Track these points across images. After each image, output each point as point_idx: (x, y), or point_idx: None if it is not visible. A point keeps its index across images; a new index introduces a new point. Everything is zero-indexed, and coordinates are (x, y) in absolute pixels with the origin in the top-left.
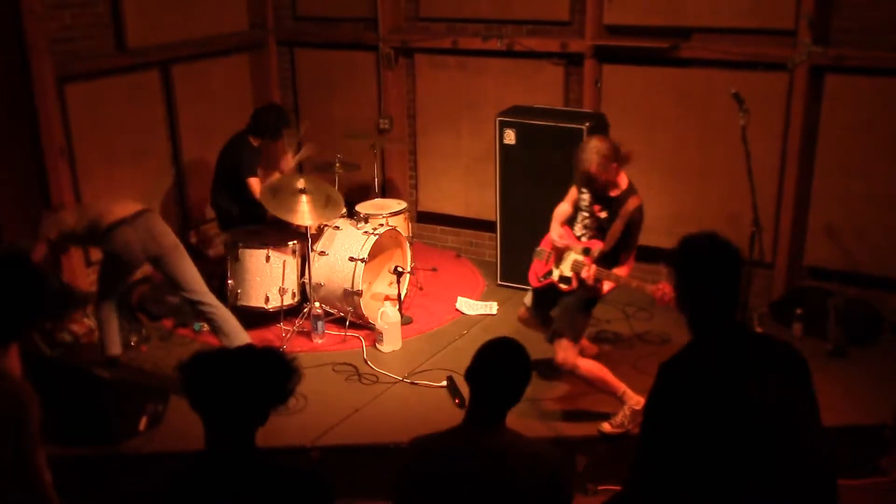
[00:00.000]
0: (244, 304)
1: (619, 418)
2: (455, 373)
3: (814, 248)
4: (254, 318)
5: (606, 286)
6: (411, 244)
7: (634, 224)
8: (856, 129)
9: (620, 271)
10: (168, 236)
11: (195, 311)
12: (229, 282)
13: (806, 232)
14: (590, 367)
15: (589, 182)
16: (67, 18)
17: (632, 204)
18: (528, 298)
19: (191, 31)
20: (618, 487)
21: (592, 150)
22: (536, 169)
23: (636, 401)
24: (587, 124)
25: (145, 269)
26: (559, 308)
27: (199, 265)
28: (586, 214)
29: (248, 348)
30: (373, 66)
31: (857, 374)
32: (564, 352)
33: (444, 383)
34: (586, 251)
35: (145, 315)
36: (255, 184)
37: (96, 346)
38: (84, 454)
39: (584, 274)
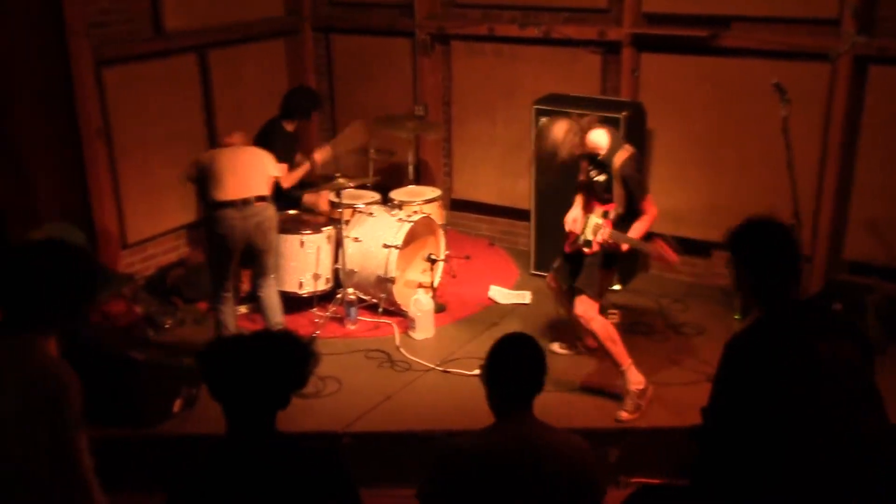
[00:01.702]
0: (278, 288)
1: (629, 403)
2: None
3: (854, 242)
4: (288, 303)
5: (624, 245)
6: (445, 232)
7: (629, 178)
8: None
9: (638, 228)
10: (272, 233)
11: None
12: None
13: (846, 226)
14: (606, 327)
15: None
16: (106, 2)
17: (618, 160)
18: (556, 262)
19: (227, 16)
20: (650, 480)
21: (559, 137)
22: None
23: (638, 380)
24: (624, 113)
25: (181, 252)
26: (583, 268)
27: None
28: (594, 183)
29: (263, 333)
30: (408, 52)
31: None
32: (583, 305)
33: (477, 372)
34: (605, 214)
35: (180, 298)
36: (284, 170)
37: (131, 327)
38: (118, 435)
39: (598, 237)
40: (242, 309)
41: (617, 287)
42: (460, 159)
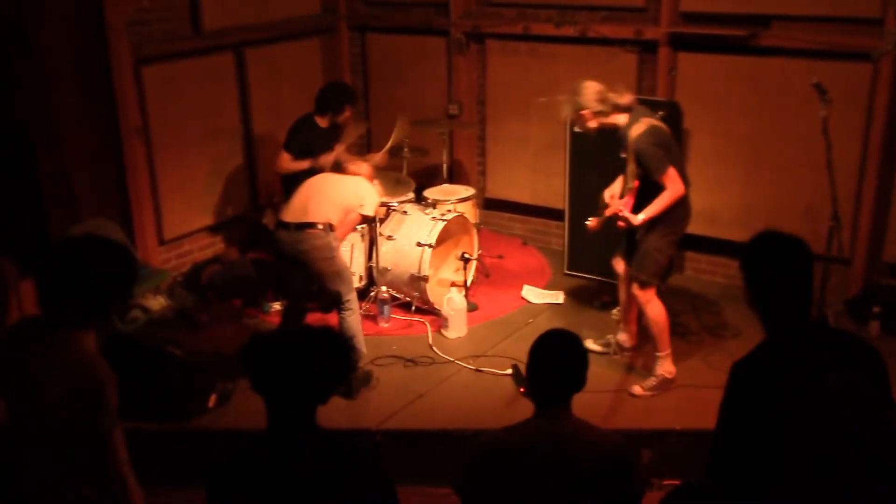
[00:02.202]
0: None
1: (651, 382)
2: (520, 361)
3: (895, 244)
4: None
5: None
6: (478, 231)
7: (641, 152)
8: None
9: (651, 207)
10: (318, 264)
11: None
12: None
13: (886, 228)
14: (661, 312)
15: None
16: (145, 1)
17: (634, 133)
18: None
19: (264, 14)
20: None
21: (579, 93)
22: (607, 157)
23: (670, 370)
24: (660, 113)
25: (217, 249)
26: (636, 251)
27: (268, 247)
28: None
29: (305, 329)
30: (443, 51)
31: None
32: (642, 288)
33: (510, 371)
34: (630, 189)
35: (215, 294)
36: (284, 157)
37: (168, 322)
38: (154, 429)
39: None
40: (277, 306)
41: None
42: (494, 158)
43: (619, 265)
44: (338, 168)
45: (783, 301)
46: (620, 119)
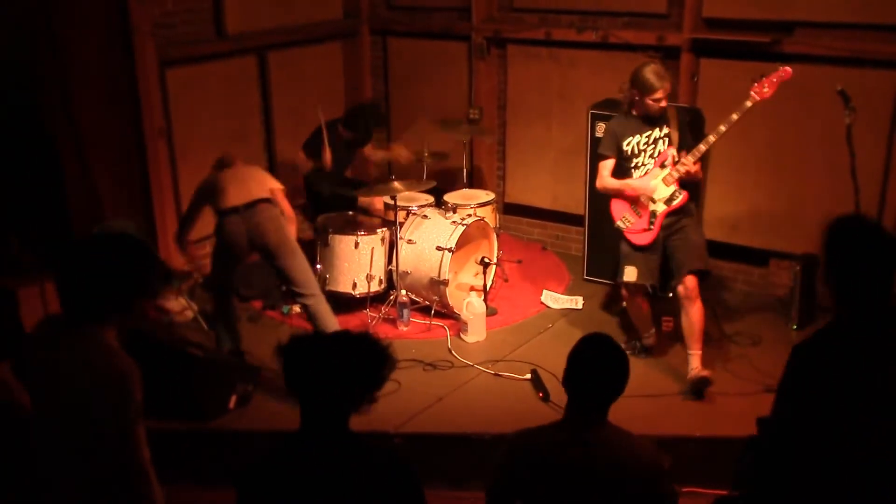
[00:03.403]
0: (332, 289)
1: (700, 369)
2: (539, 366)
3: None
4: (341, 303)
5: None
6: (498, 235)
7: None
8: None
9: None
10: (273, 234)
11: (300, 304)
12: (318, 267)
13: None
14: (702, 311)
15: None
16: (170, 4)
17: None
18: (630, 273)
19: (287, 18)
20: (705, 490)
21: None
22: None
23: (698, 368)
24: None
25: None
26: (685, 249)
27: None
28: (651, 146)
29: (344, 334)
30: (464, 55)
31: None
32: (692, 283)
33: (529, 376)
34: (665, 165)
35: (236, 296)
36: (300, 156)
37: (189, 323)
38: (174, 429)
39: (689, 170)
40: (296, 308)
41: (670, 294)
42: (514, 163)
43: (689, 281)
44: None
45: (861, 285)
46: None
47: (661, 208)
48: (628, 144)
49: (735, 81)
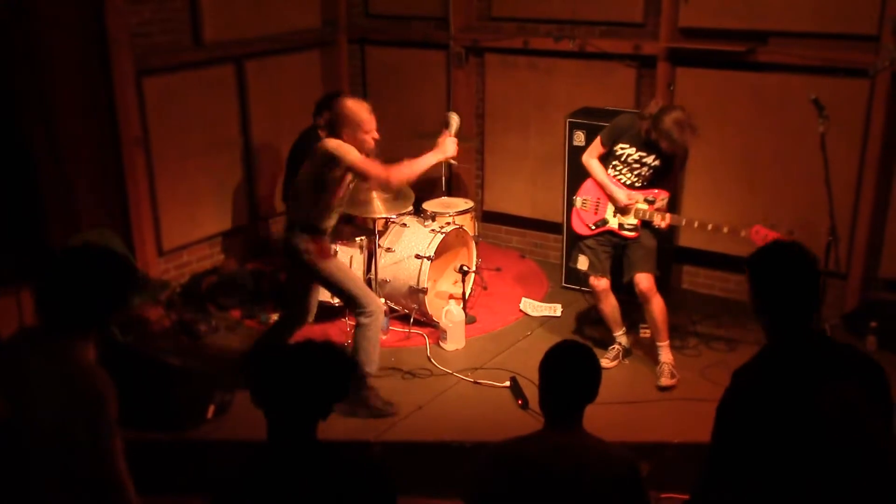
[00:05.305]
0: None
1: (666, 370)
2: (518, 374)
3: (891, 259)
4: (319, 312)
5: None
6: (477, 243)
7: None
8: None
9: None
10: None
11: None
12: None
13: (883, 243)
14: (662, 304)
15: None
16: (147, 13)
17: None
18: (582, 262)
19: (265, 27)
20: (683, 496)
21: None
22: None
23: (670, 359)
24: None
25: (215, 260)
26: (638, 253)
27: (266, 258)
28: (637, 166)
29: (307, 343)
30: (443, 64)
31: None
32: (649, 282)
33: (508, 384)
34: (650, 201)
35: (214, 305)
36: None
37: (167, 332)
38: (153, 439)
39: (659, 222)
40: (274, 317)
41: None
42: (493, 171)
43: (642, 280)
44: None
45: (788, 310)
46: None
47: (613, 224)
48: (622, 149)
49: (711, 90)
